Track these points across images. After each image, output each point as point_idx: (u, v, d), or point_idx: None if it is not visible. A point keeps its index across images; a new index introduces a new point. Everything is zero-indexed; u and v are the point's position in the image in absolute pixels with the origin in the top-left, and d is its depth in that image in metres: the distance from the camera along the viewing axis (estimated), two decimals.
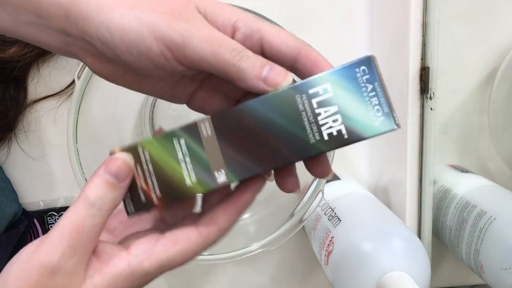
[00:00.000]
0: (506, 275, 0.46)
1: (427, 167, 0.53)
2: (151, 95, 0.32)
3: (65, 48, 0.29)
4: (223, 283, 0.64)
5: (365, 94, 0.27)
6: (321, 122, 0.27)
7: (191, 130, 0.28)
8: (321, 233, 0.52)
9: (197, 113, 0.33)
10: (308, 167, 0.30)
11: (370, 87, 0.27)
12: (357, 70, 0.28)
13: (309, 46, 0.29)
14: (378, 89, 0.27)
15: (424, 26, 0.50)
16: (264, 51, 0.28)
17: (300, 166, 0.30)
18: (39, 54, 0.55)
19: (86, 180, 0.47)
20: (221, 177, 0.28)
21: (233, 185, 0.30)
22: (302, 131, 0.27)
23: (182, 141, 0.28)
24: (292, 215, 0.50)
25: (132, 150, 0.29)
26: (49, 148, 0.59)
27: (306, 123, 0.27)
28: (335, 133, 0.27)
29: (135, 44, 0.27)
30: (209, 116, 0.28)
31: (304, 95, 0.27)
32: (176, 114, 0.58)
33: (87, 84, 0.46)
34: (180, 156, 0.28)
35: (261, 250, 0.49)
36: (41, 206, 0.59)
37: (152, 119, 0.58)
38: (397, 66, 0.54)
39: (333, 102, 0.27)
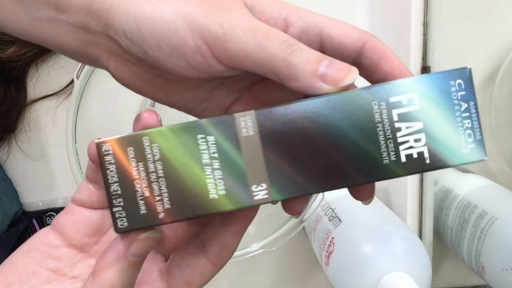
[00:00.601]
0: (508, 276, 0.46)
1: None
2: (180, 109, 0.28)
3: (85, 49, 0.26)
4: (223, 284, 0.64)
5: (458, 113, 0.23)
6: (400, 140, 0.23)
7: (226, 125, 0.22)
8: (322, 233, 0.51)
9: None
10: (351, 188, 0.26)
11: (464, 106, 0.23)
12: (452, 83, 0.23)
13: (375, 37, 0.25)
14: (473, 110, 0.23)
15: (425, 25, 0.50)
16: (324, 47, 0.25)
17: None
18: (38, 54, 0.54)
19: None
20: (260, 193, 0.22)
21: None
22: (376, 147, 0.22)
23: (211, 139, 0.22)
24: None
25: (132, 141, 0.22)
26: (48, 148, 0.59)
27: (381, 138, 0.23)
28: (415, 156, 0.23)
29: (166, 37, 0.23)
30: (253, 110, 0.22)
31: (383, 103, 0.23)
32: (176, 114, 0.57)
33: (86, 84, 0.46)
34: (205, 158, 0.22)
35: (261, 250, 0.49)
36: (40, 206, 0.59)
37: None
38: None
39: (418, 118, 0.22)
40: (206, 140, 0.22)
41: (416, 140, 0.23)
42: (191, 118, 0.26)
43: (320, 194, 0.48)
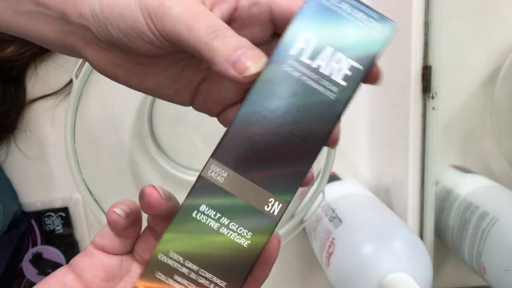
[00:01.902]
0: (509, 276, 0.46)
1: (429, 168, 0.52)
2: (154, 94, 0.30)
3: (64, 39, 0.28)
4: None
5: (346, 15, 0.24)
6: (326, 73, 0.24)
7: (203, 188, 0.23)
8: (322, 234, 0.51)
9: (198, 113, 0.31)
10: None
11: (345, 5, 0.24)
12: (322, 0, 0.24)
13: None
14: (354, 2, 0.25)
15: (426, 24, 0.50)
16: (275, 16, 0.26)
17: None
18: (36, 53, 0.54)
19: (84, 181, 0.47)
20: (274, 206, 0.24)
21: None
22: (317, 95, 0.24)
23: (204, 208, 0.23)
24: (292, 216, 0.49)
25: (154, 267, 0.23)
26: (46, 148, 0.58)
27: (314, 85, 0.24)
28: (348, 72, 0.24)
29: (123, 16, 0.25)
30: (209, 159, 0.24)
31: (290, 61, 0.24)
32: (175, 114, 0.57)
33: (85, 83, 0.46)
34: (214, 225, 0.23)
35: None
36: (39, 206, 0.59)
37: (151, 118, 0.57)
38: (399, 65, 0.53)
39: (323, 45, 0.24)
40: (201, 212, 0.23)
41: (337, 62, 0.24)
42: (188, 116, 0.26)
43: (321, 195, 0.48)
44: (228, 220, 0.23)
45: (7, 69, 0.53)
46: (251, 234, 0.23)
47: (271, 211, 0.23)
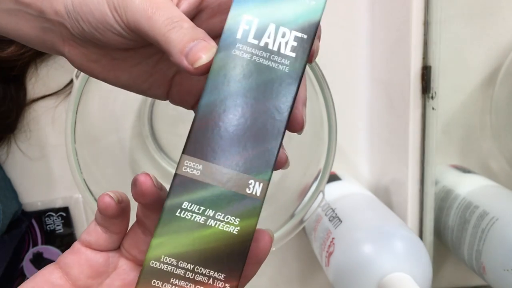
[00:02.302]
0: (508, 276, 0.46)
1: (429, 167, 0.53)
2: (130, 89, 0.30)
3: (43, 37, 0.28)
4: None
5: None
6: (275, 49, 0.25)
7: (181, 185, 0.23)
8: (322, 234, 0.51)
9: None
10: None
11: None
12: None
13: None
14: None
15: (426, 25, 0.50)
16: None
17: (300, 167, 0.30)
18: (37, 53, 0.54)
19: (85, 181, 0.47)
20: (256, 187, 0.24)
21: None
22: (271, 71, 0.25)
23: (186, 205, 0.23)
24: (292, 215, 0.49)
25: (148, 275, 0.23)
26: (47, 148, 0.58)
27: (266, 62, 0.25)
28: (295, 44, 0.25)
29: (91, 10, 0.26)
30: (181, 155, 0.24)
31: (238, 45, 0.25)
32: (175, 114, 0.57)
33: (85, 84, 0.46)
34: (200, 219, 0.23)
35: None
36: (39, 206, 0.59)
37: (151, 118, 0.57)
38: (399, 65, 0.53)
39: (266, 23, 0.25)
40: (185, 209, 0.23)
41: (283, 36, 0.25)
42: (188, 116, 0.27)
43: (321, 195, 0.48)
44: (213, 211, 0.23)
45: (8, 69, 0.53)
46: (239, 220, 0.23)
47: (254, 193, 0.24)
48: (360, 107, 0.62)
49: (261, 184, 0.24)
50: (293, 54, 0.25)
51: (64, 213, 0.59)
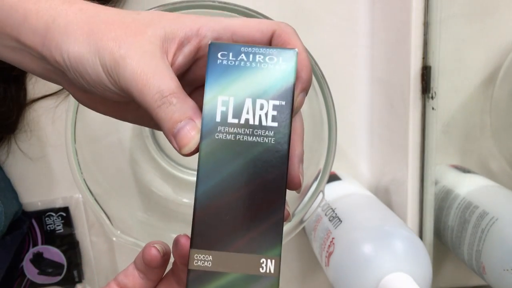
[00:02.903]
0: (508, 276, 0.46)
1: (429, 167, 0.53)
2: (137, 123, 0.31)
3: (49, 76, 0.28)
4: None
5: (248, 64, 0.25)
6: (256, 123, 0.25)
7: (196, 280, 0.24)
8: (322, 234, 0.51)
9: None
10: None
11: (243, 56, 0.25)
12: (219, 56, 0.25)
13: (284, 25, 0.27)
14: (247, 49, 0.25)
15: (426, 25, 0.50)
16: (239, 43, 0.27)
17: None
18: None
19: (85, 181, 0.47)
20: (269, 265, 0.24)
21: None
22: (258, 146, 0.24)
23: None
24: (292, 215, 0.49)
25: None
26: (47, 148, 0.58)
27: (251, 139, 0.25)
28: (274, 113, 0.25)
29: (87, 71, 0.26)
30: (190, 250, 0.24)
31: (219, 128, 0.25)
32: None
33: None
34: None
35: None
36: (40, 206, 0.59)
37: None
38: (399, 65, 0.53)
39: (241, 101, 0.25)
40: None
41: (261, 108, 0.25)
42: None
43: (321, 195, 0.48)
44: None
45: (8, 69, 0.53)
46: None
47: (267, 271, 0.24)
48: (360, 107, 0.62)
49: (273, 261, 0.24)
50: (275, 124, 0.25)
51: (64, 213, 0.59)
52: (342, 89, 0.60)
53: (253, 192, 0.24)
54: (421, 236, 0.54)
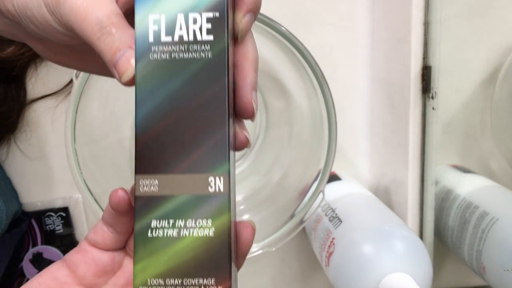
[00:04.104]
0: (509, 276, 0.46)
1: (429, 167, 0.52)
2: (101, 74, 0.30)
3: (11, 31, 0.28)
4: None
5: None
6: (191, 38, 0.24)
7: (144, 206, 0.23)
8: (322, 234, 0.51)
9: None
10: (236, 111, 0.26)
11: None
12: None
13: None
14: None
15: (426, 25, 0.50)
16: None
17: (300, 167, 0.30)
18: (37, 53, 0.54)
19: (85, 181, 0.47)
20: (217, 183, 0.23)
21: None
22: (194, 63, 0.23)
23: (155, 223, 0.23)
24: (292, 216, 0.49)
25: None
26: (47, 148, 0.58)
27: (186, 55, 0.23)
28: (209, 26, 0.23)
29: (33, 13, 0.25)
30: (135, 176, 0.24)
31: (153, 48, 0.24)
32: None
33: (85, 83, 0.46)
34: (173, 232, 0.23)
35: (261, 251, 0.49)
36: (39, 206, 0.59)
37: None
38: (399, 65, 0.53)
39: (173, 16, 0.23)
40: (155, 228, 0.23)
41: (194, 22, 0.24)
42: None
43: (321, 195, 0.48)
44: (183, 221, 0.23)
45: (8, 69, 0.53)
46: (211, 220, 0.23)
47: (217, 190, 0.23)
48: (360, 107, 0.62)
49: (222, 178, 0.23)
50: (210, 37, 0.23)
51: (64, 213, 0.59)
52: (342, 89, 0.60)
53: (195, 110, 0.23)
54: (421, 236, 0.54)
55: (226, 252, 0.23)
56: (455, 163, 0.62)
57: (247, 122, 0.26)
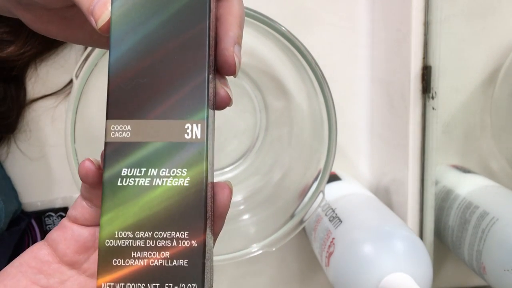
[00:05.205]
0: (509, 276, 0.46)
1: (429, 167, 0.52)
2: (93, 45, 0.30)
3: (2, 4, 0.28)
4: (222, 285, 0.64)
5: None
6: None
7: (114, 153, 0.21)
8: (322, 234, 0.51)
9: None
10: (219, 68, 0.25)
11: None
12: None
13: None
14: None
15: (426, 25, 0.50)
16: None
17: (300, 167, 0.30)
18: (37, 53, 0.54)
19: None
20: (194, 130, 0.21)
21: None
22: (175, 1, 0.22)
23: (125, 171, 0.21)
24: (292, 216, 0.49)
25: (108, 256, 0.21)
26: (47, 148, 0.58)
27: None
28: None
29: None
30: (106, 121, 0.22)
31: None
32: None
33: (85, 83, 0.46)
34: (145, 181, 0.21)
35: (261, 251, 0.49)
36: (39, 206, 0.59)
37: None
38: (399, 65, 0.53)
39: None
40: (125, 177, 0.21)
41: None
42: None
43: (321, 195, 0.48)
44: (156, 169, 0.21)
45: (8, 69, 0.53)
46: (186, 170, 0.21)
47: (193, 137, 0.21)
48: (360, 107, 0.62)
49: (199, 125, 0.21)
50: None
51: (64, 213, 0.59)
52: (342, 89, 0.60)
53: (172, 53, 0.22)
54: (421, 236, 0.54)
55: (201, 203, 0.21)
56: (455, 163, 0.62)
57: (245, 122, 0.26)
